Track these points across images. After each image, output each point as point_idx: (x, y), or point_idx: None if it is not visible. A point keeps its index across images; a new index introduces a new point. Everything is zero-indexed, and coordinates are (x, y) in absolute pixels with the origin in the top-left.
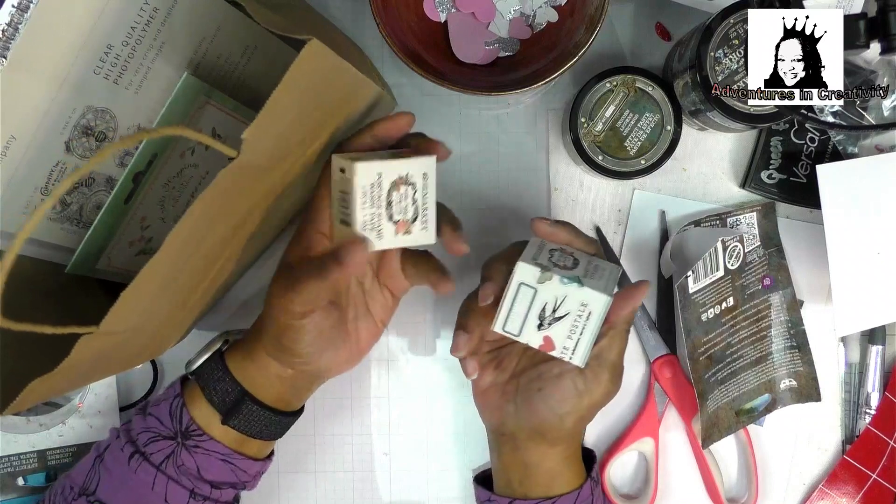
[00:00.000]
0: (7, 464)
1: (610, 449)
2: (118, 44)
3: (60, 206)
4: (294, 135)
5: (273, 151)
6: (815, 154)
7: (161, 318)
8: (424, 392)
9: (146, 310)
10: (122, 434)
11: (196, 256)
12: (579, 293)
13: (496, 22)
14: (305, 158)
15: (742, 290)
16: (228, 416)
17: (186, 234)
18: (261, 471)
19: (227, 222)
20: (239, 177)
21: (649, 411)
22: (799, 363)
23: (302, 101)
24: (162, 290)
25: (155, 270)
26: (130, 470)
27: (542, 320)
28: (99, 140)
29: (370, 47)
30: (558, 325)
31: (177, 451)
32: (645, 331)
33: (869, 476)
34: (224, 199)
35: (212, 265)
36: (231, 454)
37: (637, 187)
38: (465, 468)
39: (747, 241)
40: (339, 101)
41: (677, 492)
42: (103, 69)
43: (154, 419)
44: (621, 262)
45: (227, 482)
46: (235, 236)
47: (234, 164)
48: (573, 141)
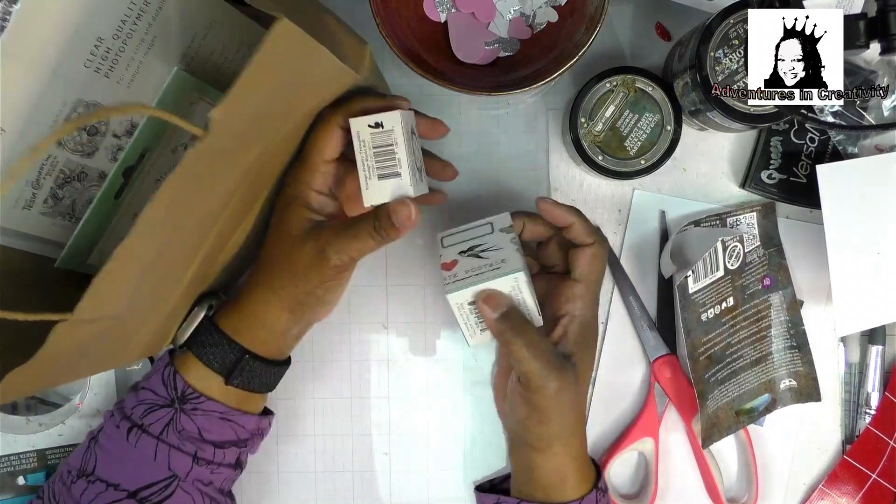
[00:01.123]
0: (7, 463)
1: (610, 449)
2: (108, 37)
3: (52, 200)
4: (267, 117)
5: (245, 133)
6: (815, 154)
7: (144, 309)
8: (424, 392)
9: (127, 297)
10: (115, 412)
11: (174, 242)
12: (496, 284)
13: (496, 22)
14: (281, 140)
15: (742, 290)
16: (230, 376)
17: (159, 215)
18: (258, 427)
19: (205, 206)
20: (210, 158)
21: (649, 411)
22: (799, 363)
23: (274, 83)
24: (142, 277)
25: (128, 253)
26: (130, 445)
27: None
28: (91, 134)
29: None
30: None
31: (175, 417)
32: (645, 331)
33: (869, 476)
34: (198, 181)
35: (195, 252)
36: (229, 411)
37: (637, 187)
38: (464, 468)
39: (747, 241)
40: (315, 84)
41: (677, 492)
42: (94, 62)
43: (147, 391)
44: (621, 262)
45: (229, 440)
46: (217, 222)
47: (203, 144)
48: (573, 141)
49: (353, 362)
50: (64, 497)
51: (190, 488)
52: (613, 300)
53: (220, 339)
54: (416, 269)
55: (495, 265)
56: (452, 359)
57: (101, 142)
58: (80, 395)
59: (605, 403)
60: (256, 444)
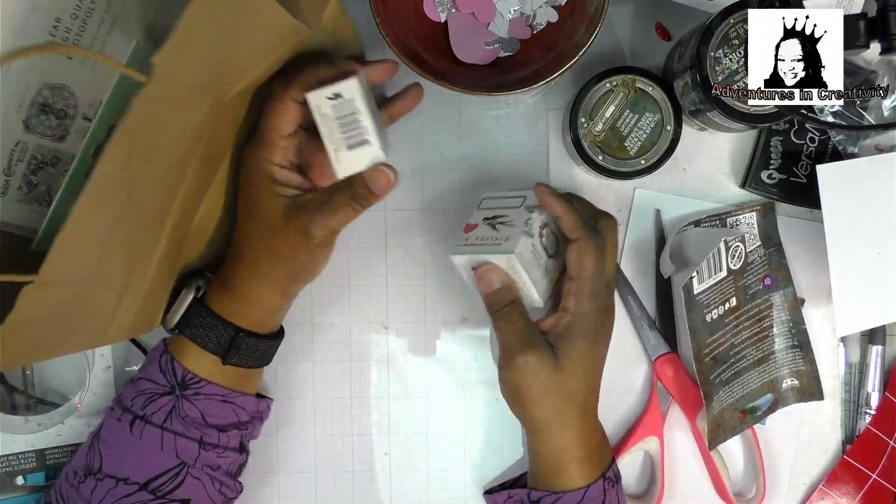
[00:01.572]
0: (6, 463)
1: (615, 449)
2: (66, 17)
3: (27, 186)
4: (213, 66)
5: (191, 82)
6: (815, 154)
7: (120, 275)
8: (424, 392)
9: (94, 261)
10: (115, 406)
11: (135, 203)
12: (494, 258)
13: (496, 22)
14: (231, 100)
15: (744, 291)
16: (227, 356)
17: (114, 169)
18: (257, 409)
19: (163, 161)
20: (158, 108)
21: (652, 410)
22: (801, 362)
23: (215, 28)
24: (108, 239)
25: (87, 210)
26: (134, 437)
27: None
28: (59, 118)
29: (370, 47)
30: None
31: (177, 404)
32: (645, 330)
33: (869, 476)
34: (149, 132)
35: (161, 219)
36: (229, 393)
37: (638, 186)
38: (465, 468)
39: (748, 241)
40: (259, 35)
41: (684, 490)
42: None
43: (145, 381)
44: (620, 262)
45: (231, 423)
46: (179, 188)
47: (148, 89)
48: (573, 141)
49: (353, 362)
50: (74, 499)
51: (199, 474)
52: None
53: (214, 321)
54: (417, 268)
55: (499, 240)
56: (452, 359)
57: (71, 125)
58: (80, 395)
59: (608, 404)
60: (257, 427)
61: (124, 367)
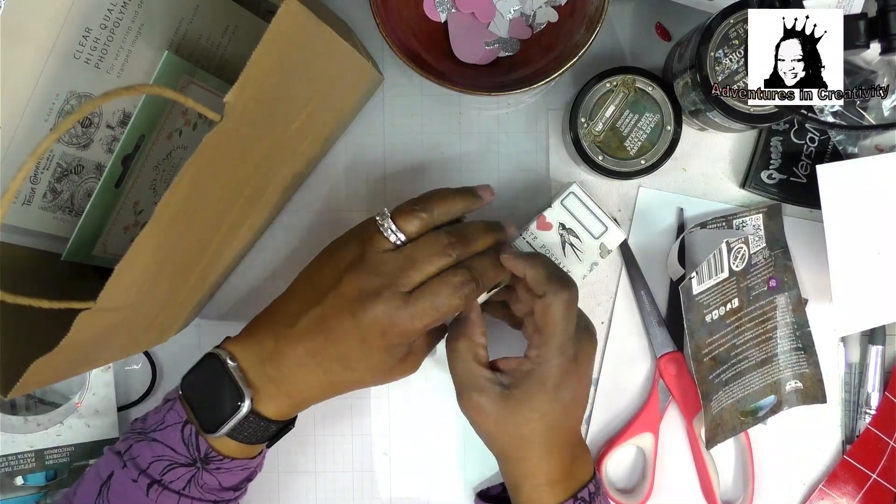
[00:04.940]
0: (5, 463)
1: (609, 442)
2: (96, 27)
3: (51, 194)
4: (279, 102)
5: (258, 118)
6: (815, 154)
7: (161, 298)
8: (424, 392)
9: (144, 286)
10: (129, 465)
11: (190, 231)
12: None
13: (496, 22)
14: (295, 130)
15: (747, 292)
16: (270, 442)
17: (177, 203)
18: (264, 454)
19: (218, 193)
20: (225, 144)
21: (651, 407)
22: (805, 365)
23: (284, 65)
24: (159, 266)
25: (147, 242)
26: (150, 500)
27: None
28: (85, 126)
29: (370, 47)
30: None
31: (197, 475)
32: (653, 326)
33: (869, 476)
34: (212, 168)
35: (208, 241)
36: (248, 462)
37: (641, 185)
38: (464, 468)
39: (753, 243)
40: (326, 72)
41: (673, 489)
42: (83, 53)
43: (163, 446)
44: (638, 259)
45: (244, 479)
46: (230, 211)
47: (219, 128)
48: (573, 141)
49: None
50: None
51: None
52: (625, 296)
53: (268, 425)
54: None
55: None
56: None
57: (95, 133)
58: (79, 395)
59: (608, 396)
60: (261, 464)
61: (124, 367)
